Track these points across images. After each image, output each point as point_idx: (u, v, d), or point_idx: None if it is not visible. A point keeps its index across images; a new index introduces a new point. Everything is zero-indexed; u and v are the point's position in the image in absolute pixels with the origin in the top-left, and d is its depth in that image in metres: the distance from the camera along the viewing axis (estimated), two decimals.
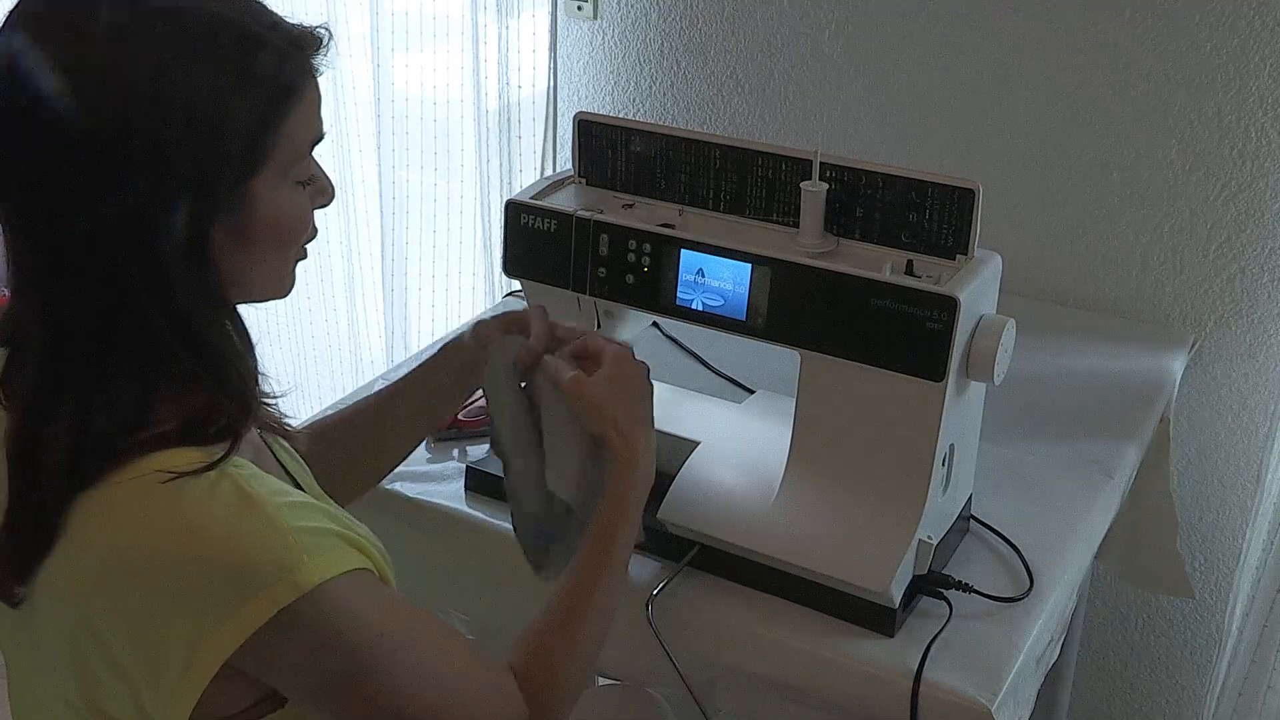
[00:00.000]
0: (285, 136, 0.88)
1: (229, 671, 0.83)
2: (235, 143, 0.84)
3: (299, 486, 1.01)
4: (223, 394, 0.88)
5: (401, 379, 1.23)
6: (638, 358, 1.15)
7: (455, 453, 1.43)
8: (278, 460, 1.02)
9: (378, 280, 2.35)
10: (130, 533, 0.83)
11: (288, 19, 0.90)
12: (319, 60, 0.90)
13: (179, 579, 0.82)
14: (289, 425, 1.09)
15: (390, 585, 0.95)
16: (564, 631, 1.02)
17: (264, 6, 0.89)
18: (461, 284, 2.28)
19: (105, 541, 0.83)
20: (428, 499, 1.36)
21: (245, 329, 0.92)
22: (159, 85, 0.80)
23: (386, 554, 0.96)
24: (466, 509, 1.34)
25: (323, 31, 0.91)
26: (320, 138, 0.93)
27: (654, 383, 1.11)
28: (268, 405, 1.02)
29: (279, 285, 0.95)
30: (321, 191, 0.95)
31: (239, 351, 0.90)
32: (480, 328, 1.18)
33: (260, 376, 0.95)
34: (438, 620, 0.93)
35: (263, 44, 0.85)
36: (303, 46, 0.89)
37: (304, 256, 0.97)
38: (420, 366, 1.23)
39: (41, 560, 0.85)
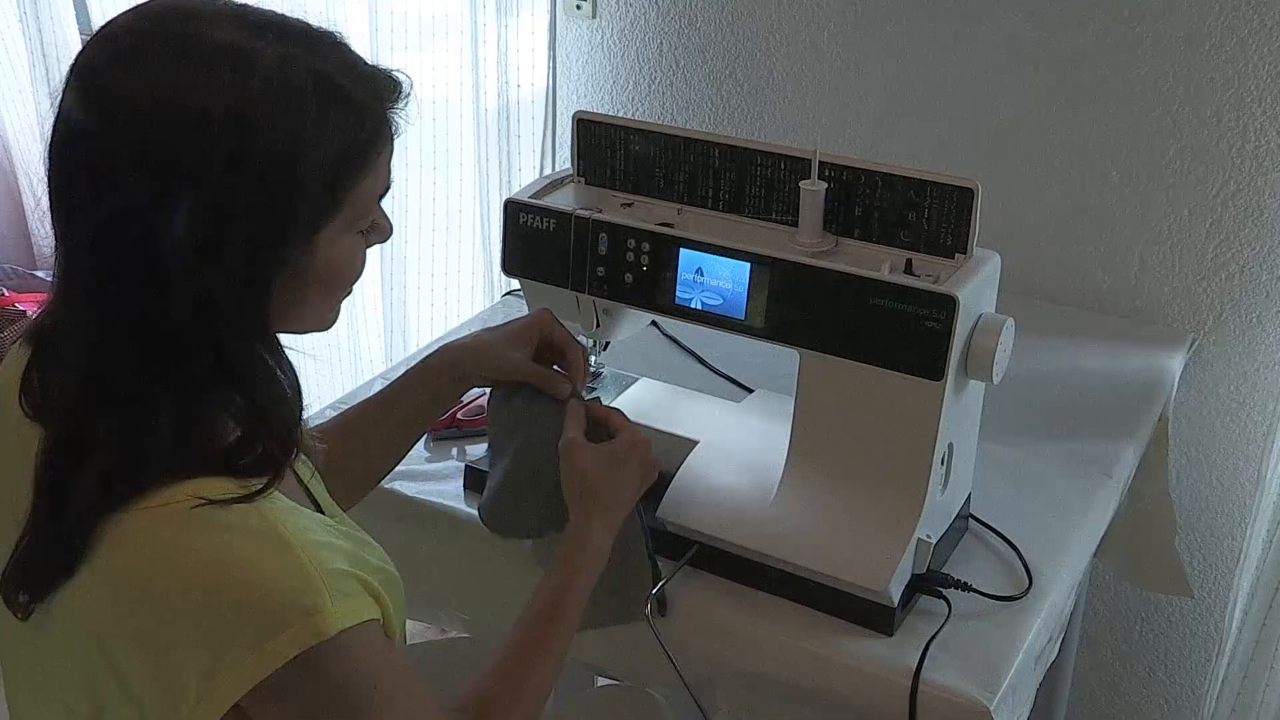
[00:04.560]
0: (357, 193, 0.88)
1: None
2: (308, 196, 0.84)
3: (315, 500, 1.01)
4: (264, 430, 0.87)
5: (397, 381, 1.22)
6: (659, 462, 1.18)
7: (454, 452, 1.43)
8: (295, 474, 1.01)
9: (377, 280, 2.35)
10: (158, 561, 0.82)
11: (369, 62, 0.89)
12: (398, 111, 0.90)
13: (203, 611, 0.81)
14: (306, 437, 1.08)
15: (398, 606, 0.94)
16: (502, 708, 1.00)
17: (349, 49, 0.88)
18: (461, 283, 2.28)
19: (132, 567, 0.82)
20: (427, 498, 1.36)
21: (294, 371, 0.91)
22: (237, 130, 0.80)
23: (396, 572, 0.96)
24: (466, 508, 1.34)
25: (402, 77, 0.90)
26: (388, 189, 0.92)
27: (653, 382, 1.11)
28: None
29: (323, 322, 0.95)
30: (379, 231, 0.95)
31: (283, 389, 0.89)
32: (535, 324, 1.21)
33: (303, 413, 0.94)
34: (416, 681, 0.92)
35: (345, 99, 0.85)
36: (383, 96, 0.88)
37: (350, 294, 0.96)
38: (414, 369, 1.22)
39: (63, 581, 0.84)
